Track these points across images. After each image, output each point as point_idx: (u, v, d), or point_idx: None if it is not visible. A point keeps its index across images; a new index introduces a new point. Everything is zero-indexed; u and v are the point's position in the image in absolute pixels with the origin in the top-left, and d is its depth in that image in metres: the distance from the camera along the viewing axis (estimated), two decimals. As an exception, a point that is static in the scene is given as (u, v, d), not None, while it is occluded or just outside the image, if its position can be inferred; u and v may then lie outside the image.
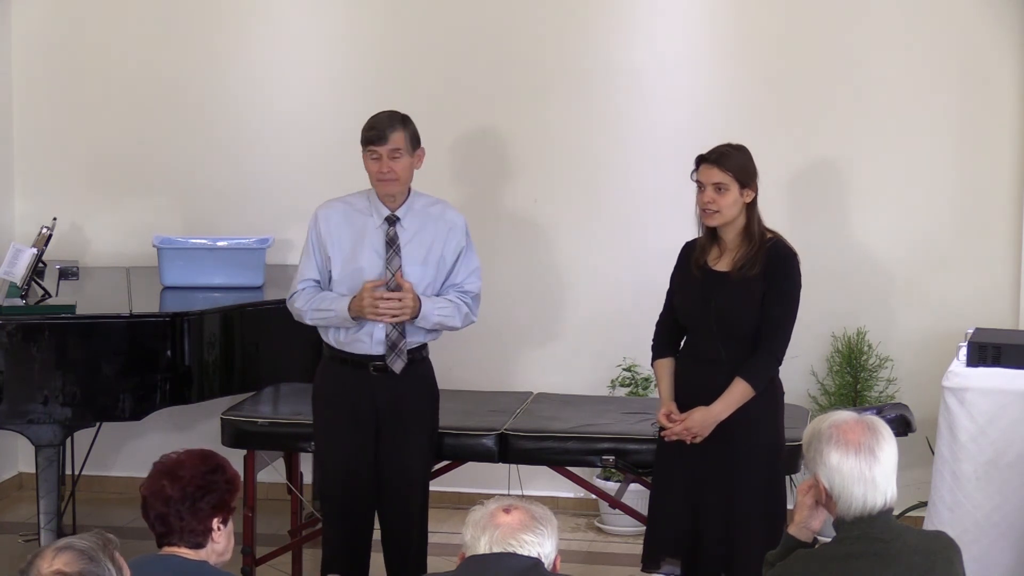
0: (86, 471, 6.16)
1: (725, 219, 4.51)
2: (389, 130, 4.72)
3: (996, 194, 6.21)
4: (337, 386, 4.85)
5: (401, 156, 4.73)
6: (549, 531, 3.06)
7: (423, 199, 4.88)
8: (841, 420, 3.36)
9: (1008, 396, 4.99)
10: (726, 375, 4.50)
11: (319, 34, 6.72)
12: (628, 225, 6.50)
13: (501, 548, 3.01)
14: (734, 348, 4.51)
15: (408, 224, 4.81)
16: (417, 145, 4.79)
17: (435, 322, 4.79)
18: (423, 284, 4.80)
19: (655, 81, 6.45)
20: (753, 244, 4.53)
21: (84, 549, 2.65)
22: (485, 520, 3.06)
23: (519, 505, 3.09)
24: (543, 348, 6.63)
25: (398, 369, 4.77)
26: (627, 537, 6.31)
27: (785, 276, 4.54)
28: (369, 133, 4.75)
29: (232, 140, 6.78)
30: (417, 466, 4.85)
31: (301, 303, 4.85)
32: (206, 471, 3.36)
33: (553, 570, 3.05)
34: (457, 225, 4.87)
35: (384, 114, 4.79)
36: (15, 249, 5.60)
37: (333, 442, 4.87)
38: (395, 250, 4.78)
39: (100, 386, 5.22)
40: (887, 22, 6.25)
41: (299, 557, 5.72)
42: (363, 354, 4.78)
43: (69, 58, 6.88)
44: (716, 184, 4.49)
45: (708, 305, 4.53)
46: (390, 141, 4.71)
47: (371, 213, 4.82)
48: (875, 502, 3.29)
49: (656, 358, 4.72)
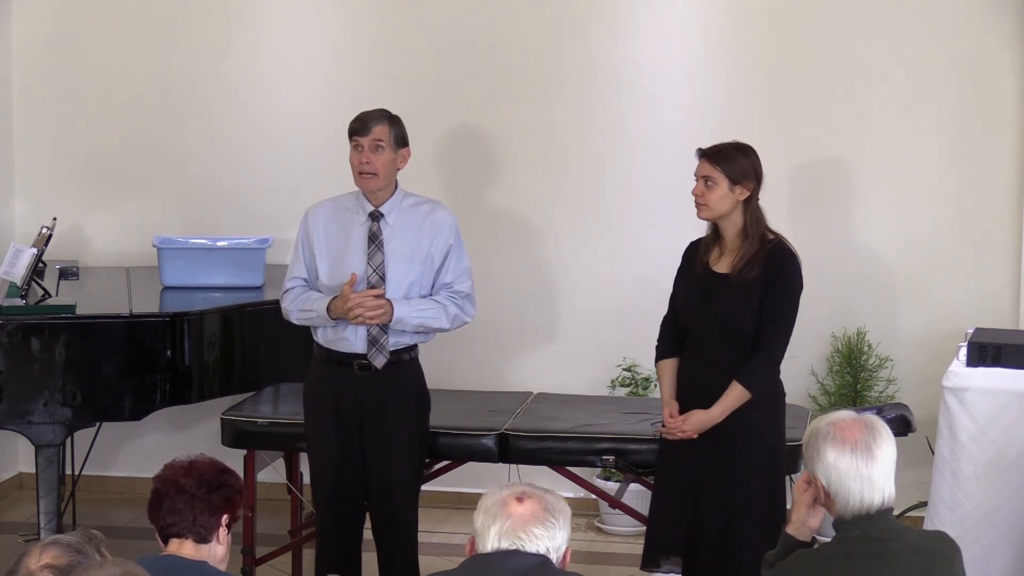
0: (86, 471, 6.16)
1: (713, 213, 4.54)
2: (372, 122, 4.76)
3: (996, 194, 6.21)
4: (323, 384, 4.88)
5: (383, 150, 4.75)
6: (561, 522, 3.02)
7: (413, 198, 4.90)
8: (839, 418, 3.37)
9: (1008, 396, 4.98)
10: (725, 376, 4.49)
11: (318, 34, 6.72)
12: (628, 225, 6.50)
13: (510, 541, 2.97)
14: (734, 350, 4.50)
15: (393, 220, 4.82)
16: (403, 145, 4.80)
17: (416, 324, 4.80)
18: (408, 282, 4.81)
19: (654, 80, 6.45)
20: (752, 245, 4.53)
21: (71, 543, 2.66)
22: (496, 508, 3.01)
23: (533, 493, 3.04)
24: (543, 348, 6.63)
25: (380, 365, 4.78)
26: (627, 537, 6.31)
27: (785, 278, 4.53)
28: (354, 124, 4.80)
29: (232, 140, 6.78)
30: (402, 465, 4.85)
31: (287, 303, 4.91)
32: (219, 471, 3.45)
33: (563, 562, 3.01)
34: (446, 224, 4.86)
35: (374, 109, 4.84)
36: (15, 249, 5.60)
37: (320, 440, 4.90)
38: (377, 245, 4.80)
39: (100, 386, 5.22)
40: (887, 22, 6.25)
41: (299, 557, 5.72)
42: (348, 352, 4.80)
43: (69, 58, 6.89)
44: (704, 177, 4.53)
45: (708, 306, 4.54)
46: (372, 132, 4.74)
47: (357, 210, 4.85)
48: (872, 500, 3.29)
49: (659, 358, 4.72)
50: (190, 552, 3.36)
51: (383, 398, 4.80)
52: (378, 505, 4.88)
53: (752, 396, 4.48)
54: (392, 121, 4.80)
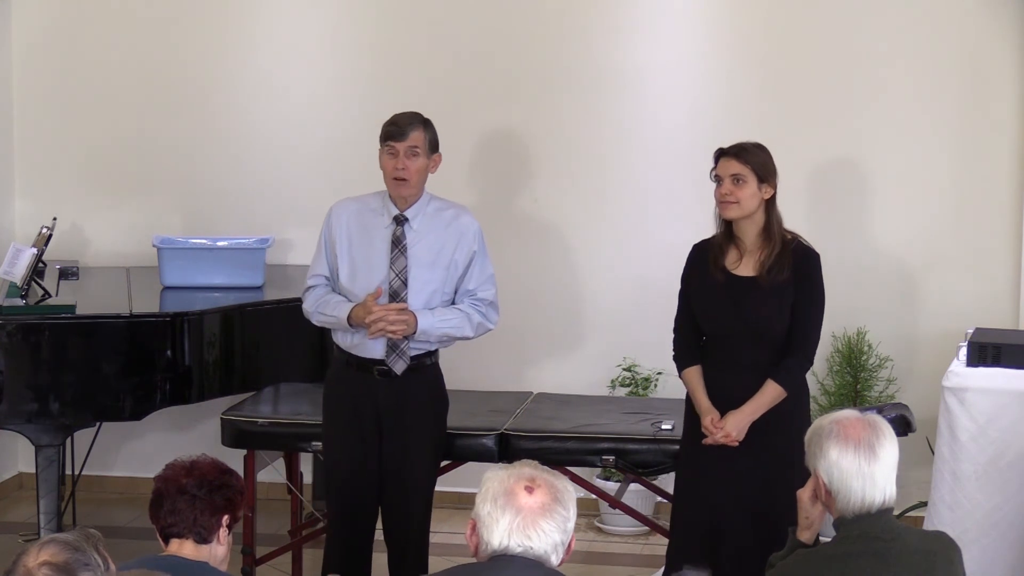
0: (86, 471, 6.16)
1: (743, 211, 4.46)
2: (410, 127, 4.70)
3: (996, 194, 6.21)
4: (343, 388, 4.85)
5: (418, 156, 4.70)
6: (570, 513, 2.94)
7: (438, 203, 4.84)
8: (843, 417, 3.38)
9: (1008, 396, 4.99)
10: (753, 379, 4.44)
11: (320, 34, 6.72)
12: (629, 225, 6.50)
13: (520, 539, 2.90)
14: (763, 352, 4.46)
15: (418, 226, 4.78)
16: (435, 149, 4.76)
17: (439, 335, 4.76)
18: (430, 288, 4.76)
19: (659, 81, 6.45)
20: (774, 245, 4.48)
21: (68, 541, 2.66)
22: (504, 499, 2.93)
23: (541, 480, 2.95)
24: (543, 348, 6.63)
25: (399, 370, 4.76)
26: (627, 537, 6.32)
27: (815, 279, 4.51)
28: (389, 128, 4.72)
29: (232, 140, 6.78)
30: (419, 470, 4.83)
31: (309, 303, 4.86)
32: (221, 472, 3.45)
33: (568, 549, 2.95)
34: (470, 230, 4.81)
35: (407, 112, 4.77)
36: (15, 249, 5.60)
37: (338, 443, 4.87)
38: (400, 250, 4.76)
39: (100, 386, 5.22)
40: (886, 23, 6.25)
41: (299, 557, 5.72)
42: (368, 357, 4.77)
43: (69, 58, 6.88)
44: (734, 175, 4.45)
45: (738, 311, 4.45)
46: (409, 138, 4.69)
47: (382, 212, 4.80)
48: (873, 498, 3.29)
49: (683, 367, 4.62)
50: (190, 552, 3.36)
51: (402, 403, 4.77)
52: (392, 507, 4.84)
53: (787, 394, 4.44)
54: (427, 126, 4.74)
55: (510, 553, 2.92)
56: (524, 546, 2.92)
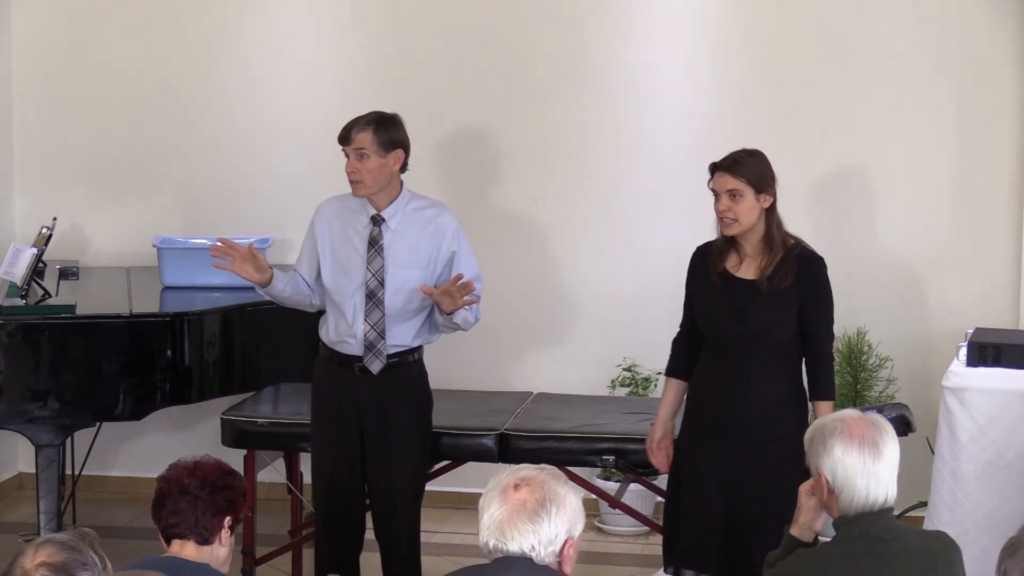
0: (86, 471, 6.16)
1: (743, 227, 4.43)
2: (354, 130, 4.73)
3: (996, 194, 6.21)
4: (325, 385, 4.88)
5: (367, 157, 4.71)
6: (555, 514, 2.90)
7: (418, 201, 4.86)
8: (846, 415, 3.38)
9: (1008, 396, 4.99)
10: (754, 384, 4.42)
11: (318, 34, 6.72)
12: (629, 225, 6.50)
13: (495, 537, 2.90)
14: (763, 358, 4.45)
15: (395, 225, 4.80)
16: (392, 147, 4.75)
17: (460, 319, 4.76)
18: (408, 288, 4.77)
19: (656, 81, 6.45)
20: (776, 250, 4.45)
21: (65, 541, 2.66)
22: (494, 492, 2.94)
23: (533, 479, 2.94)
24: (543, 348, 6.63)
25: (375, 370, 4.77)
26: (627, 537, 6.32)
27: (823, 285, 4.51)
28: (340, 133, 4.78)
29: (232, 140, 6.78)
30: (402, 467, 4.84)
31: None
32: (223, 472, 3.45)
33: (563, 555, 2.92)
34: (449, 229, 4.82)
35: (362, 115, 4.79)
36: (15, 249, 5.60)
37: (320, 440, 4.90)
38: (377, 250, 4.78)
39: (100, 386, 5.22)
40: (885, 23, 6.25)
41: (299, 557, 5.72)
42: (349, 354, 4.80)
43: (69, 58, 6.88)
44: (730, 191, 4.41)
45: (739, 317, 4.43)
46: (354, 141, 4.72)
47: (361, 212, 4.84)
48: (877, 497, 3.29)
49: (669, 373, 4.65)
50: (192, 553, 3.35)
51: (383, 400, 4.79)
52: (378, 507, 4.88)
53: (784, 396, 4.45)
54: (377, 126, 4.73)
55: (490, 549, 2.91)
56: (500, 543, 2.90)
